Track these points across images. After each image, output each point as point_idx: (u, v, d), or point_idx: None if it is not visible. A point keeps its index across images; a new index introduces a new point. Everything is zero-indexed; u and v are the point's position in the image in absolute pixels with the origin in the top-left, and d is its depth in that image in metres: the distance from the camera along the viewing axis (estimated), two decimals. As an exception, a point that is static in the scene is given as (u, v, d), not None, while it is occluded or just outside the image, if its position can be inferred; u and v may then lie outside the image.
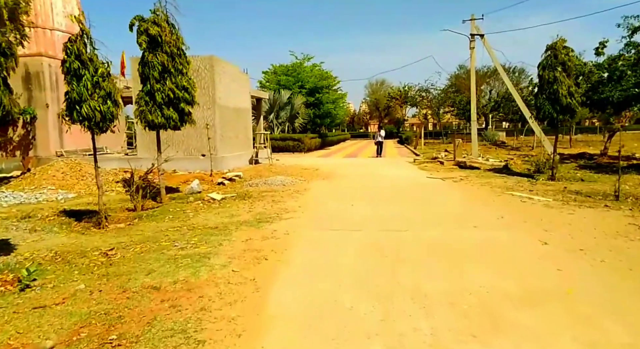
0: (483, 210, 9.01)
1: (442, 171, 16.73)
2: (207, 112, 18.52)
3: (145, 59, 11.12)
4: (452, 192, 11.52)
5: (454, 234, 7.10)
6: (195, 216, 9.07)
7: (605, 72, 17.30)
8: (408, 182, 13.97)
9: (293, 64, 38.65)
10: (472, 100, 21.37)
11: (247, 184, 14.16)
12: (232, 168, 19.34)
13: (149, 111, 11.22)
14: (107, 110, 8.70)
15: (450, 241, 6.68)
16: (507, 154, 25.10)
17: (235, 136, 20.67)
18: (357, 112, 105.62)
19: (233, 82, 20.59)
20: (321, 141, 37.90)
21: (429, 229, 7.50)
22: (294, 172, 16.65)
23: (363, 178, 15.37)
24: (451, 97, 41.69)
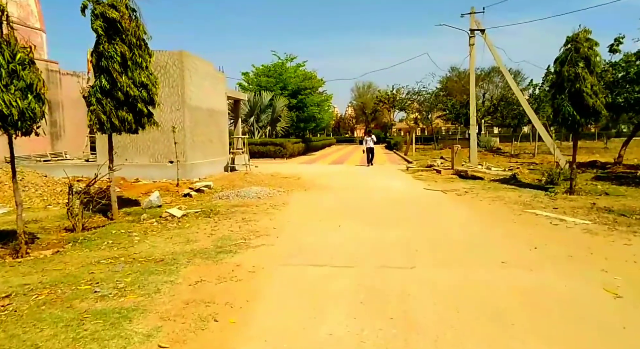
0: (506, 236, 7.35)
1: (440, 182, 15.17)
2: (175, 113, 16.75)
3: (100, 48, 9.39)
4: (459, 210, 9.90)
5: (479, 276, 5.34)
6: (141, 242, 7.30)
7: (622, 72, 15.95)
8: (404, 195, 12.36)
9: (275, 65, 36.92)
10: (472, 102, 19.93)
11: (216, 197, 12.42)
12: (204, 176, 17.58)
13: (103, 111, 9.49)
14: (28, 106, 6.90)
15: (477, 291, 4.86)
16: (508, 161, 23.71)
17: (208, 140, 18.90)
18: (343, 116, 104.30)
19: (206, 80, 18.85)
20: (305, 146, 36.24)
21: (442, 266, 5.81)
22: (273, 182, 14.95)
23: (351, 190, 13.72)
24: (443, 100, 40.33)
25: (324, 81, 39.08)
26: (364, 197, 11.95)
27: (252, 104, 32.67)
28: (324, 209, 10.39)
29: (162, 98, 16.83)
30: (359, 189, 13.71)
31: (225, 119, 21.16)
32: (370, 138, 23.52)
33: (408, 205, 10.67)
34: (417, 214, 9.50)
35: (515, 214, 9.04)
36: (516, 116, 29.54)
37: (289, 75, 36.14)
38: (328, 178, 17.14)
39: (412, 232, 7.71)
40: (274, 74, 36.27)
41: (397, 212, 9.67)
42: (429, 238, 7.29)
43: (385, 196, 12.06)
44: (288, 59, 37.62)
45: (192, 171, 16.94)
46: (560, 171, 13.98)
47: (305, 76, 37.21)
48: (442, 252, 6.45)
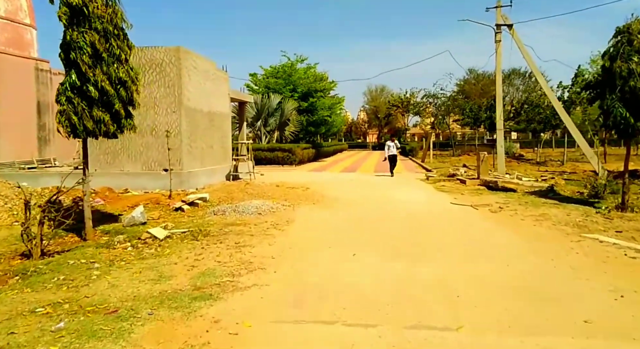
0: (575, 276, 5.64)
1: (467, 194, 13.53)
2: (171, 116, 15.34)
3: (68, 38, 8.02)
4: (500, 233, 8.23)
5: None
6: (101, 277, 5.79)
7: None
8: (428, 211, 10.73)
9: (284, 65, 35.46)
10: (498, 104, 18.27)
11: (211, 212, 10.93)
12: (202, 186, 16.13)
13: (74, 112, 8.09)
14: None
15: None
16: (537, 170, 21.94)
17: (208, 146, 17.46)
18: (355, 121, 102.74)
19: (207, 80, 17.45)
20: (315, 152, 34.71)
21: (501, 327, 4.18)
22: (277, 194, 13.42)
23: (366, 203, 12.14)
24: (460, 104, 38.58)
25: (336, 83, 37.59)
26: (382, 214, 10.35)
27: (259, 107, 31.26)
28: (334, 229, 8.82)
29: (157, 99, 15.48)
30: (375, 203, 12.13)
31: (227, 122, 19.74)
32: (393, 144, 20.90)
33: (436, 225, 9.03)
34: (449, 238, 7.88)
35: (572, 241, 7.36)
36: (542, 120, 27.75)
37: (299, 76, 34.67)
38: (340, 189, 15.58)
39: (448, 268, 6.10)
40: (283, 76, 34.82)
41: (424, 236, 8.06)
42: (471, 277, 5.68)
43: (407, 213, 10.46)
44: (298, 60, 36.20)
45: (189, 181, 15.51)
46: (607, 182, 12.31)
47: (316, 78, 35.72)
48: (495, 301, 4.83)
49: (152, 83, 15.35)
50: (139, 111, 15.74)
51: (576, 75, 24.67)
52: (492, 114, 22.25)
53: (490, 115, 22.54)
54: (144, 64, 15.30)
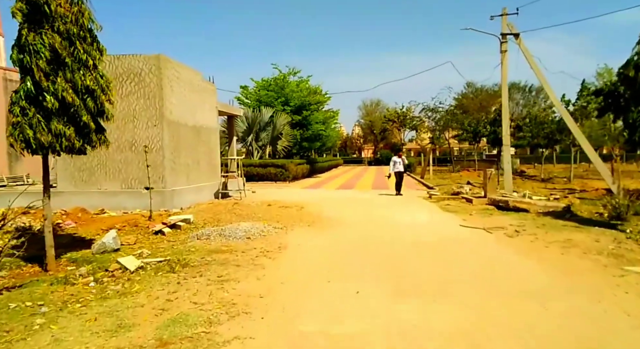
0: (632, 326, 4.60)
1: (476, 215, 12.56)
2: (152, 130, 14.37)
3: (22, 40, 7.07)
4: (524, 264, 7.11)
5: None
6: (44, 328, 4.72)
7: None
8: (437, 235, 9.70)
9: (276, 78, 34.65)
10: (504, 118, 17.41)
11: (194, 236, 9.89)
12: (187, 205, 15.10)
13: (29, 124, 7.10)
14: None
15: None
16: (544, 187, 21.02)
17: (194, 162, 16.46)
18: (350, 136, 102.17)
19: (192, 92, 16.52)
20: (309, 168, 33.73)
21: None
22: (269, 214, 12.39)
23: (367, 226, 11.12)
24: (459, 118, 37.88)
25: (330, 96, 36.79)
26: (386, 239, 9.33)
27: (250, 121, 30.34)
28: (333, 258, 7.79)
29: (137, 112, 14.50)
30: (377, 226, 11.11)
31: (215, 137, 18.77)
32: (400, 160, 19.23)
33: (448, 254, 8.01)
34: (466, 271, 6.84)
35: (614, 276, 6.32)
36: (547, 136, 26.98)
37: (292, 89, 33.85)
38: (337, 208, 14.57)
39: (471, 311, 5.09)
40: (275, 88, 33.98)
41: (437, 268, 7.04)
42: (502, 326, 4.65)
43: (414, 238, 9.44)
44: (290, 73, 35.45)
45: (173, 200, 14.47)
46: (630, 202, 11.39)
47: (310, 91, 34.91)
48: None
49: (130, 94, 14.41)
50: (117, 125, 14.84)
51: (581, 89, 23.99)
52: (495, 128, 21.40)
53: (494, 129, 21.67)
54: (122, 74, 14.38)
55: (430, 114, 38.77)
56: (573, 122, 15.51)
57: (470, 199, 15.27)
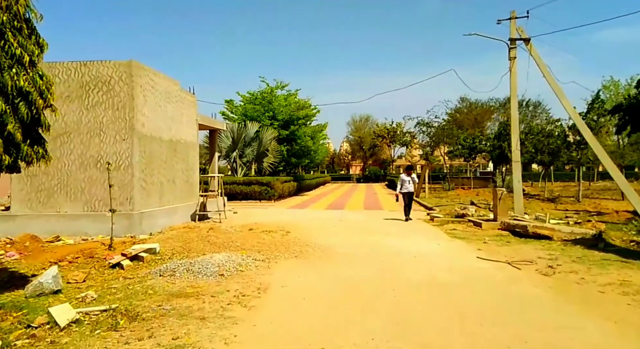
0: None
1: (491, 243, 11.05)
2: (121, 145, 12.79)
3: None
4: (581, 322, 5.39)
5: None
6: None
7: None
8: (453, 272, 8.13)
9: (262, 92, 33.20)
10: (514, 132, 16.02)
11: (156, 271, 8.27)
12: (160, 229, 13.47)
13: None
14: None
15: None
16: (554, 209, 19.65)
17: (168, 180, 14.84)
18: (338, 152, 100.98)
19: (169, 103, 14.98)
20: (296, 186, 32.18)
21: None
22: (250, 242, 10.76)
23: (365, 258, 9.55)
24: (454, 133, 36.65)
25: (319, 110, 35.37)
26: (390, 279, 7.76)
27: (234, 136, 28.77)
28: (326, 309, 6.22)
29: (104, 124, 12.90)
30: (376, 258, 9.55)
31: (194, 152, 17.18)
32: (410, 178, 16.76)
33: (473, 304, 6.37)
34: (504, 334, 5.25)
35: None
36: (552, 151, 25.72)
37: (279, 103, 32.40)
38: (327, 233, 13.03)
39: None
40: (262, 102, 32.51)
41: (463, 327, 5.46)
42: None
43: (426, 276, 7.87)
44: (278, 87, 34.03)
45: (142, 224, 12.84)
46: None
47: (299, 105, 33.48)
48: None
49: (98, 105, 12.84)
50: (82, 139, 13.21)
51: (593, 101, 22.83)
52: (501, 143, 20.03)
53: (500, 144, 20.30)
54: (88, 82, 12.83)
55: (424, 129, 37.51)
56: (592, 136, 14.19)
57: (479, 222, 13.79)
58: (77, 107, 12.83)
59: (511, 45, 15.74)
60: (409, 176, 16.84)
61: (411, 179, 16.77)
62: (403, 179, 16.79)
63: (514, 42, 15.67)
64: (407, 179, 16.72)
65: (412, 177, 16.87)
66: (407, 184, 16.66)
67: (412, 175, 17.01)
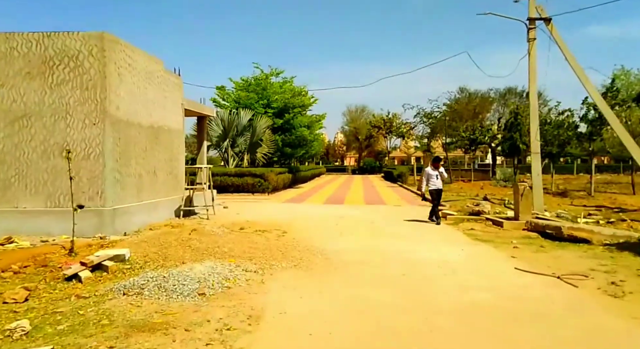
0: None
1: (521, 246, 9.35)
2: (90, 130, 10.96)
3: None
4: None
5: None
6: None
7: None
8: (490, 290, 6.34)
9: (256, 78, 31.23)
10: (533, 120, 14.29)
11: (120, 288, 6.50)
12: (137, 228, 11.72)
13: None
14: None
15: None
16: (571, 204, 18.03)
17: (148, 172, 13.03)
18: (332, 143, 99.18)
19: (150, 84, 13.12)
20: (291, 177, 30.37)
21: None
22: (240, 245, 8.95)
23: (380, 269, 7.78)
24: (452, 125, 34.95)
25: (316, 99, 33.48)
26: (419, 304, 5.94)
27: (226, 125, 26.87)
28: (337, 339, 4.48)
29: (71, 106, 11.00)
30: (394, 268, 7.79)
31: (179, 141, 15.34)
32: (437, 172, 13.65)
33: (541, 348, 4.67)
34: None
35: None
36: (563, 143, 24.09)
37: (274, 90, 30.46)
38: (330, 234, 11.32)
39: None
40: (256, 89, 30.56)
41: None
42: None
43: (460, 300, 6.05)
44: (273, 73, 32.08)
45: (115, 222, 11.05)
46: None
47: (294, 92, 31.54)
48: None
49: (63, 83, 10.98)
50: (44, 123, 11.28)
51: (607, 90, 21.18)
52: (511, 133, 18.33)
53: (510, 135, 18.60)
54: (52, 57, 10.96)
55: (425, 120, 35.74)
56: (620, 124, 12.52)
57: (500, 222, 12.09)
58: (40, 86, 10.96)
59: (530, 26, 13.95)
60: (437, 169, 13.73)
61: (439, 174, 13.68)
62: (429, 174, 13.69)
63: (533, 22, 13.90)
64: (435, 174, 13.61)
65: (440, 171, 13.76)
66: (435, 179, 13.56)
67: (441, 169, 13.91)
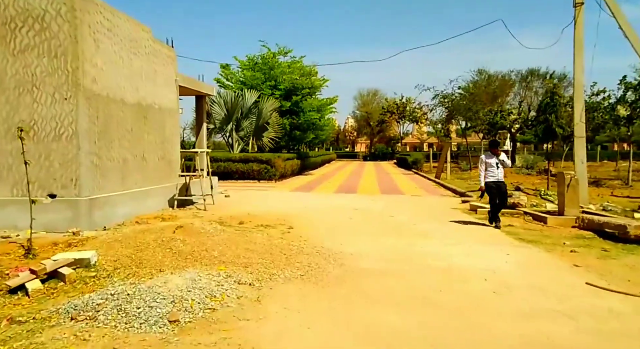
0: None
1: (580, 250, 7.60)
2: (61, 106, 9.34)
3: None
4: None
5: None
6: None
7: None
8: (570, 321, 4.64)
9: (263, 56, 29.38)
10: (578, 99, 12.37)
11: (70, 308, 4.89)
12: (121, 221, 10.21)
13: None
14: None
15: None
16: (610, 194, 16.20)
17: (136, 156, 11.42)
18: (343, 128, 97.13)
19: (136, 55, 11.45)
20: (300, 164, 28.69)
21: None
22: (234, 248, 7.26)
23: (411, 284, 6.02)
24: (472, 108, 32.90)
25: (327, 80, 31.52)
26: (465, 336, 4.30)
27: (229, 106, 25.15)
28: None
29: (38, 77, 9.29)
30: (427, 282, 6.06)
31: (173, 121, 13.68)
32: (498, 160, 10.10)
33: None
34: None
35: None
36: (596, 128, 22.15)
37: (282, 70, 28.61)
38: (344, 231, 9.66)
39: None
40: (262, 68, 28.73)
41: None
42: None
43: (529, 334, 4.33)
44: (281, 52, 30.19)
45: (93, 213, 9.47)
46: None
47: (304, 72, 29.65)
48: None
49: (27, 50, 9.32)
50: (7, 97, 9.72)
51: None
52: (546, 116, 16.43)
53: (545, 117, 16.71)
54: (13, 18, 9.29)
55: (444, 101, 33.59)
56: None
57: (542, 217, 10.34)
58: (0, 53, 9.33)
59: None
60: (496, 155, 10.11)
61: (500, 162, 10.09)
62: (487, 162, 10.17)
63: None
64: (494, 161, 10.08)
65: (501, 159, 10.09)
66: (495, 168, 10.06)
67: (502, 156, 10.16)
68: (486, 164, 10.17)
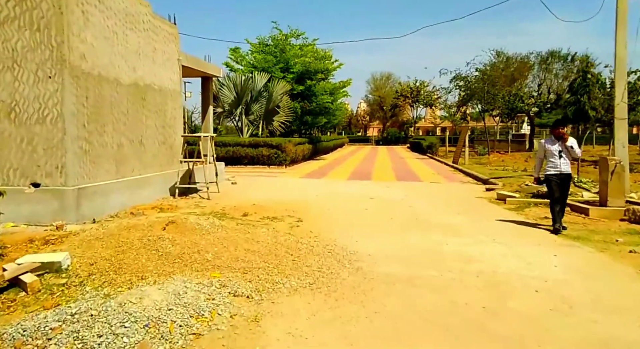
0: None
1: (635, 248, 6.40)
2: (45, 85, 8.25)
3: None
4: None
5: None
6: None
7: None
8: None
9: (274, 38, 28.01)
10: (619, 78, 10.94)
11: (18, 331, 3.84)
12: (116, 211, 9.16)
13: None
14: None
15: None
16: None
17: (132, 141, 10.33)
18: (355, 113, 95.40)
19: (132, 31, 10.28)
20: (312, 149, 27.46)
21: None
22: (231, 249, 6.13)
23: (439, 295, 4.87)
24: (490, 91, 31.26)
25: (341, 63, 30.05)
26: None
27: (239, 90, 23.92)
28: None
29: (19, 52, 8.16)
30: (462, 292, 4.93)
31: (175, 103, 12.54)
32: (563, 148, 7.80)
33: None
34: None
35: None
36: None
37: (294, 53, 27.21)
38: (360, 223, 8.54)
39: None
40: (273, 51, 27.38)
41: None
42: None
43: None
44: (292, 34, 28.78)
45: (82, 204, 8.42)
46: None
47: (317, 55, 28.21)
48: None
49: (7, 22, 8.21)
50: (-19, 74, 8.57)
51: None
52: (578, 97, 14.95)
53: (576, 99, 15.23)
54: (-11, -15, 8.12)
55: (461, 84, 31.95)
56: None
57: (583, 208, 9.09)
58: (-24, 26, 8.22)
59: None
60: (562, 140, 7.88)
61: (567, 150, 7.81)
62: (548, 149, 7.98)
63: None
64: (556, 149, 7.87)
65: (569, 144, 7.80)
66: (557, 158, 7.83)
67: (570, 141, 7.88)
68: (548, 151, 7.97)
